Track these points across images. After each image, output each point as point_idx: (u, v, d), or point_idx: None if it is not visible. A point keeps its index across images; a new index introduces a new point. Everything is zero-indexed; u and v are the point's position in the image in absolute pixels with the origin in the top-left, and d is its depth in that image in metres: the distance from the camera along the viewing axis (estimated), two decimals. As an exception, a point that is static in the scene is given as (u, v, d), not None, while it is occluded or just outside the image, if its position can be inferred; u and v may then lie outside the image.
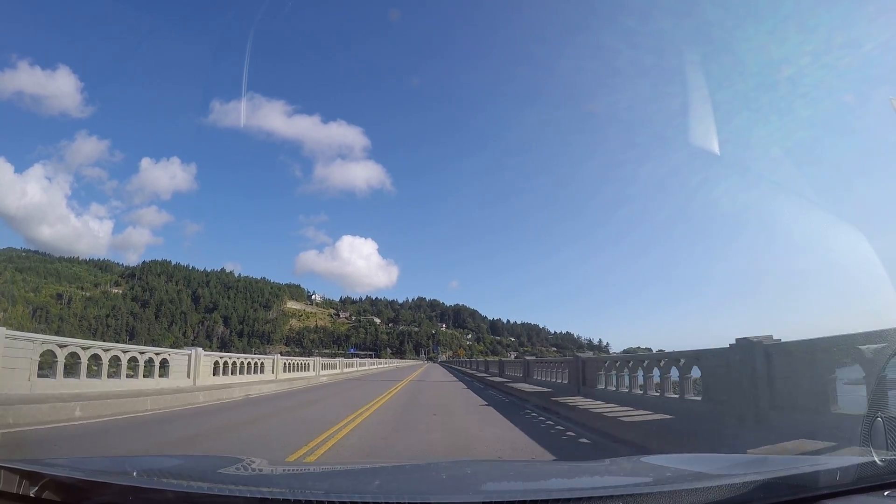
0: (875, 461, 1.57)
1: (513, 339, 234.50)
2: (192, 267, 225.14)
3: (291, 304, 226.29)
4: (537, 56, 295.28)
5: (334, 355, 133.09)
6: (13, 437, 5.93)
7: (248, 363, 17.47)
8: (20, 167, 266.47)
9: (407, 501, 1.45)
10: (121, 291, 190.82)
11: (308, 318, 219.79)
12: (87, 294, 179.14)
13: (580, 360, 12.36)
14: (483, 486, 2.12)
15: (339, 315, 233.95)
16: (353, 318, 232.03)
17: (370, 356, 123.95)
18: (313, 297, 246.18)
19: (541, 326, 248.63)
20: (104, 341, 10.77)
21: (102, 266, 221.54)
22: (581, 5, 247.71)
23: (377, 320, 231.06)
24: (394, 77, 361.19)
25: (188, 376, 12.82)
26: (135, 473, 1.67)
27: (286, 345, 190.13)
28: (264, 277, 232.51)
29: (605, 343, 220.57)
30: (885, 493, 1.52)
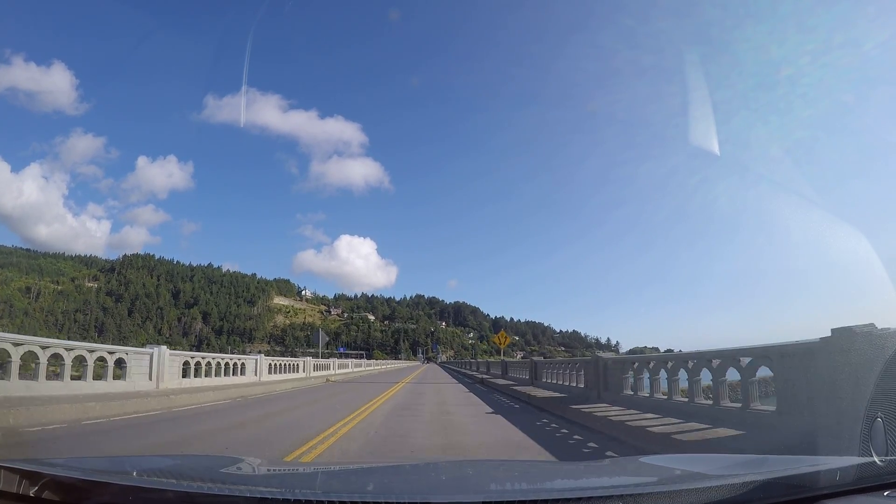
0: (875, 461, 1.67)
1: (517, 338, 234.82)
2: (178, 261, 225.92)
3: (279, 300, 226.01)
4: (536, 56, 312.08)
5: (317, 355, 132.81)
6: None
7: (227, 364, 16.73)
8: (14, 164, 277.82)
9: (407, 501, 1.53)
10: (96, 286, 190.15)
11: (296, 314, 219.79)
12: (59, 288, 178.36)
13: (600, 361, 11.62)
14: (483, 486, 2.20)
15: (330, 312, 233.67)
16: (346, 314, 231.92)
17: (362, 356, 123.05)
18: (303, 292, 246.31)
19: (546, 325, 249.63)
20: (68, 338, 9.74)
21: (88, 262, 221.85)
22: (580, 5, 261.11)
23: (371, 317, 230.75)
24: (392, 76, 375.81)
25: (150, 378, 12.04)
26: (135, 473, 1.75)
27: (269, 343, 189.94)
28: (254, 273, 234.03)
29: (614, 342, 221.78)
30: (885, 494, 1.60)
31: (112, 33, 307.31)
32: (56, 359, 9.38)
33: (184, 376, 13.91)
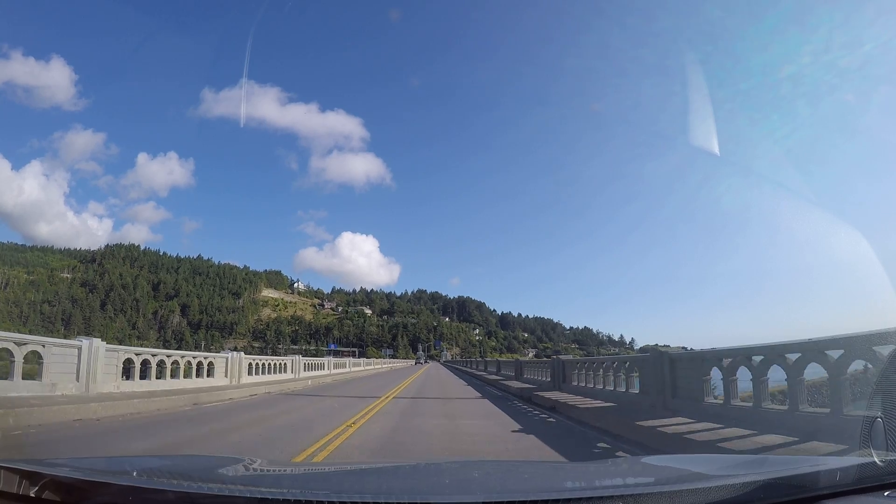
0: (875, 462, 1.75)
1: (526, 335, 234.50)
2: (164, 253, 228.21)
3: (268, 293, 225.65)
4: (544, 56, 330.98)
5: (305, 352, 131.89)
6: None
7: (189, 363, 14.69)
8: (14, 161, 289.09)
9: (407, 501, 1.65)
10: (70, 276, 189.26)
11: (286, 307, 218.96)
12: (31, 278, 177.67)
13: (664, 357, 9.53)
14: (483, 486, 2.28)
15: (323, 305, 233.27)
16: (341, 308, 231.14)
17: (354, 354, 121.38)
18: (296, 285, 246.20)
19: (555, 321, 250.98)
20: (29, 332, 7.57)
21: (76, 255, 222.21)
22: (587, 5, 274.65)
23: (368, 311, 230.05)
24: (397, 75, 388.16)
25: (78, 379, 10.03)
26: (135, 473, 1.86)
27: (250, 339, 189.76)
28: (246, 266, 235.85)
29: (628, 340, 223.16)
30: (886, 494, 1.70)
31: (112, 29, 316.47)
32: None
33: (127, 378, 11.89)
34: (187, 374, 14.41)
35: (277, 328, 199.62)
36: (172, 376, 13.56)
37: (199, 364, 15.18)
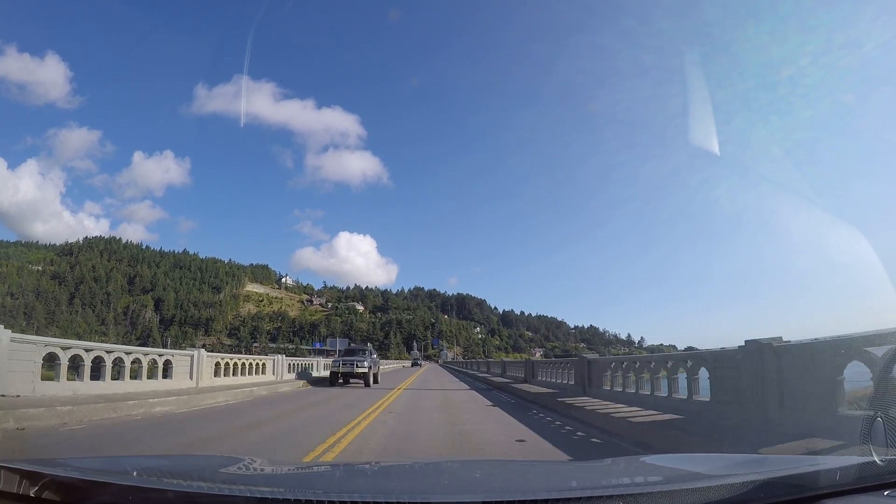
0: (875, 461, 1.88)
1: (532, 335, 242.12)
2: (147, 246, 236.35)
3: (253, 288, 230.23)
4: (537, 56, 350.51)
5: (285, 351, 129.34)
6: None
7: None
8: (9, 160, 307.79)
9: (407, 501, 1.79)
10: (41, 269, 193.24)
11: (271, 303, 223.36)
12: (1, 270, 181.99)
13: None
14: (482, 486, 2.53)
15: (312, 301, 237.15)
16: (331, 305, 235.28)
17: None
18: (283, 280, 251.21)
19: (560, 320, 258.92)
20: None
21: (56, 249, 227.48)
22: (580, 5, 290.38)
23: (360, 307, 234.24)
24: (394, 73, 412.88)
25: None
26: (135, 473, 2.04)
27: (228, 336, 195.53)
28: (231, 259, 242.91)
29: (636, 338, 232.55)
30: (886, 493, 1.83)
31: (107, 26, 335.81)
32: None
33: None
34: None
35: (256, 325, 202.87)
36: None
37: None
